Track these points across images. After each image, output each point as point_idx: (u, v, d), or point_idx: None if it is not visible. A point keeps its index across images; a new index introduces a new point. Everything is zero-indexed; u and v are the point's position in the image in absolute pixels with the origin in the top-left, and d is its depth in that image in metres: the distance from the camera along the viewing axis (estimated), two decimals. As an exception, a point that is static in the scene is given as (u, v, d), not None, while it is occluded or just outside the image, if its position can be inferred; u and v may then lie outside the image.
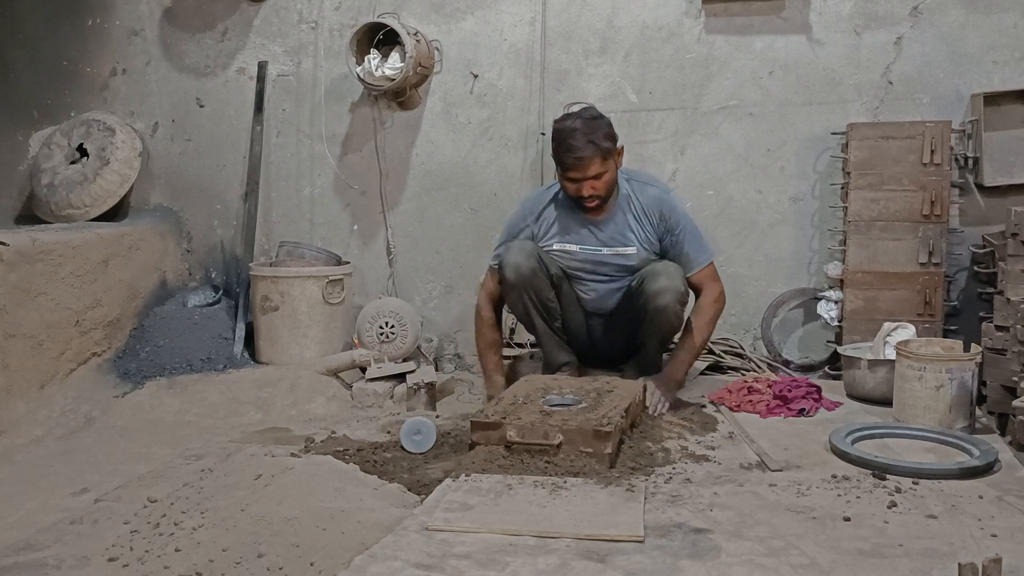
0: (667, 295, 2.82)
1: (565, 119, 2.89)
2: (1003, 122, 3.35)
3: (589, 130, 2.80)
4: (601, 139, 2.80)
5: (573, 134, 2.79)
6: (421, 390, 3.33)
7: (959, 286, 3.45)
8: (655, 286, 2.84)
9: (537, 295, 2.92)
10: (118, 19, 4.23)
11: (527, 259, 2.88)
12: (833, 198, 3.54)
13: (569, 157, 2.79)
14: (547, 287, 2.94)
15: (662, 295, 2.82)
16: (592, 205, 2.88)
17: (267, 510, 2.00)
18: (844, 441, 2.38)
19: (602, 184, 2.84)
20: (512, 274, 2.88)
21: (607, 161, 2.83)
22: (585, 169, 2.79)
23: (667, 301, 2.82)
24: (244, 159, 4.09)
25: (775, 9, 3.57)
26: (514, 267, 2.88)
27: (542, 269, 2.91)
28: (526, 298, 2.91)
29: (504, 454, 2.26)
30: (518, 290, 2.90)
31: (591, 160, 2.78)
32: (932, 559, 1.71)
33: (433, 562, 1.71)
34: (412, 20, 3.83)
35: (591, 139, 2.78)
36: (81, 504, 2.26)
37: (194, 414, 3.18)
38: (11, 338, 3.04)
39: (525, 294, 2.90)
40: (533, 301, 2.92)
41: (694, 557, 1.73)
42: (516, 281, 2.88)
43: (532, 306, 2.93)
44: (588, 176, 2.81)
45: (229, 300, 4.03)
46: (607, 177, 2.85)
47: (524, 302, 2.92)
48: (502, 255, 2.94)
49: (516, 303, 2.95)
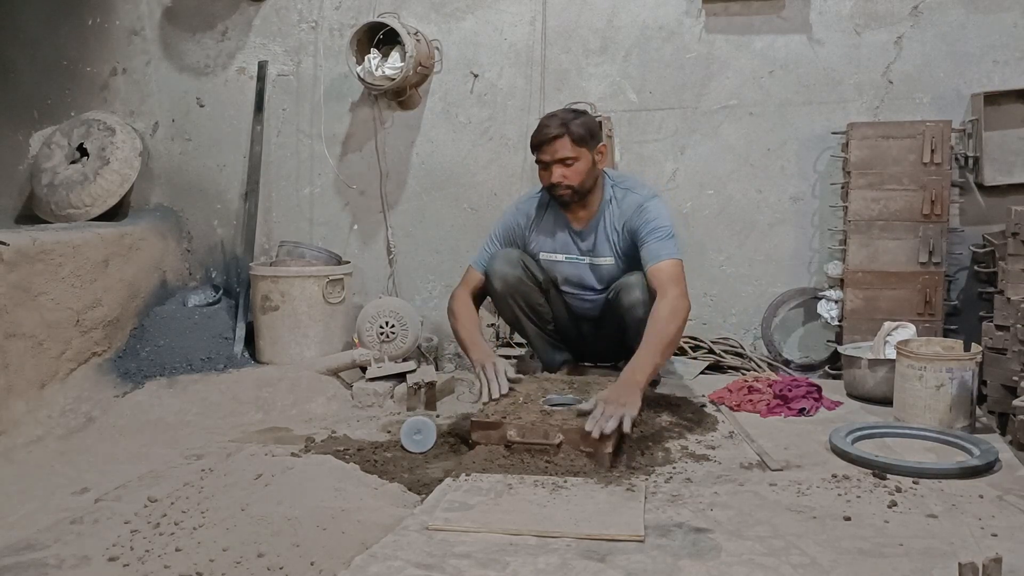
0: (641, 308, 2.75)
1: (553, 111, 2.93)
2: (1003, 122, 3.35)
3: (565, 116, 2.81)
4: (575, 124, 2.78)
5: (548, 118, 2.81)
6: (421, 390, 3.32)
7: (959, 286, 3.45)
8: (629, 299, 2.82)
9: (526, 301, 2.93)
10: (118, 19, 4.23)
11: (512, 268, 2.89)
12: (833, 197, 3.54)
13: (538, 134, 2.78)
14: (535, 292, 2.94)
15: (636, 308, 2.79)
16: (562, 194, 2.82)
17: (267, 510, 2.00)
18: (844, 441, 2.38)
19: (573, 172, 2.78)
20: (499, 284, 2.89)
21: (579, 147, 2.77)
22: (554, 150, 2.75)
23: (642, 314, 2.72)
24: (244, 159, 4.09)
25: (775, 8, 3.57)
26: (500, 277, 2.88)
27: (528, 276, 2.92)
28: (515, 306, 2.92)
29: (504, 454, 2.26)
30: (506, 299, 2.91)
31: (560, 140, 2.74)
32: (932, 558, 1.71)
33: (433, 562, 1.71)
34: (412, 20, 3.83)
35: (563, 121, 2.77)
36: (81, 504, 2.26)
37: (194, 414, 3.18)
38: (11, 338, 3.04)
39: (513, 302, 2.92)
40: (522, 307, 2.93)
41: (694, 557, 1.73)
42: (503, 290, 2.89)
43: (522, 312, 2.95)
44: (557, 158, 2.76)
45: (229, 300, 4.03)
46: (579, 166, 2.78)
47: (513, 310, 2.94)
48: (488, 265, 2.92)
49: (506, 311, 2.96)
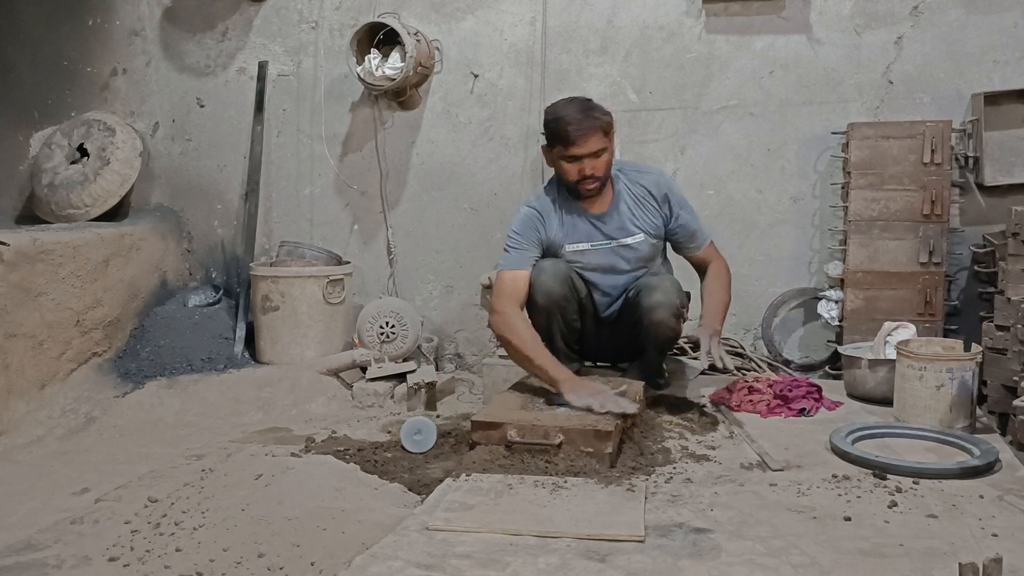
0: (662, 310, 2.78)
1: (556, 103, 2.84)
2: (1003, 122, 3.34)
3: (586, 107, 2.77)
4: (600, 115, 2.76)
5: (569, 109, 2.75)
6: (421, 390, 3.33)
7: (959, 286, 3.45)
8: (650, 300, 2.81)
9: (563, 317, 2.87)
10: (118, 19, 4.24)
11: (560, 285, 2.82)
12: (833, 198, 3.54)
13: (571, 130, 2.71)
14: (574, 310, 2.90)
15: (657, 310, 2.79)
16: (591, 187, 2.80)
17: (268, 510, 2.01)
18: (845, 441, 2.38)
19: (601, 164, 2.77)
20: (543, 299, 2.81)
21: (607, 137, 2.77)
22: (587, 143, 2.72)
23: (662, 316, 2.78)
24: (244, 159, 4.09)
25: (775, 9, 3.57)
26: (546, 292, 2.81)
27: (573, 294, 2.87)
28: (552, 322, 2.86)
29: (504, 454, 2.26)
30: (546, 314, 2.84)
31: (594, 133, 2.72)
32: (933, 559, 1.71)
33: (434, 562, 1.71)
34: (412, 20, 3.83)
35: (590, 113, 2.74)
36: (82, 504, 2.26)
37: (194, 414, 3.19)
38: (12, 338, 3.04)
39: (552, 318, 2.85)
40: (560, 324, 2.87)
41: (695, 557, 1.73)
42: (546, 305, 2.82)
43: (558, 328, 2.88)
44: (590, 152, 2.73)
45: (229, 300, 4.04)
46: (606, 156, 2.78)
47: (550, 325, 2.86)
48: (534, 275, 2.83)
49: (543, 324, 2.87)
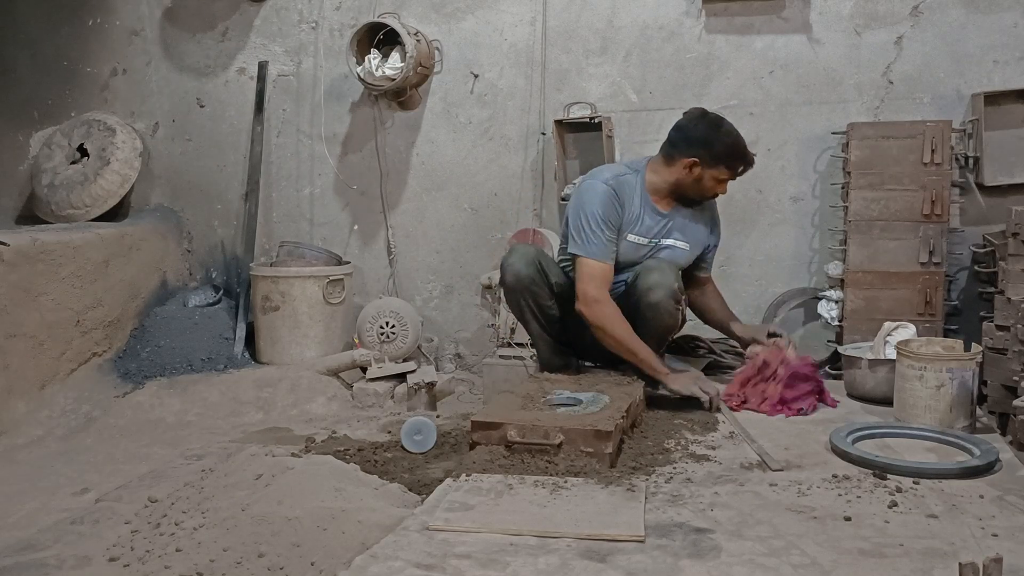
0: (660, 290, 2.80)
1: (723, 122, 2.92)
2: (1003, 122, 3.34)
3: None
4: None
5: (741, 140, 2.92)
6: (421, 390, 3.33)
7: (960, 286, 3.45)
8: (647, 282, 2.82)
9: (535, 301, 2.95)
10: (118, 19, 4.24)
11: (527, 267, 2.91)
12: (833, 198, 3.54)
13: (745, 164, 2.92)
14: (546, 295, 2.96)
15: (654, 290, 2.80)
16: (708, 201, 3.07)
17: (268, 510, 2.01)
18: (845, 441, 2.38)
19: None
20: (512, 279, 2.92)
21: None
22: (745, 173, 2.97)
23: (659, 297, 2.79)
24: (244, 159, 4.09)
25: (775, 9, 3.57)
26: (513, 273, 2.92)
27: (542, 277, 2.94)
28: (523, 303, 2.95)
29: (505, 454, 2.26)
30: (516, 294, 2.94)
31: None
32: (933, 559, 1.71)
33: (434, 562, 1.71)
34: (412, 20, 3.84)
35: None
36: (82, 504, 2.26)
37: (195, 414, 3.19)
38: (12, 338, 3.04)
39: (523, 299, 2.95)
40: (531, 306, 2.96)
41: (695, 557, 1.73)
42: (515, 285, 2.93)
43: (529, 311, 2.97)
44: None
45: (229, 300, 4.04)
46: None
47: (521, 306, 2.97)
48: (504, 259, 2.97)
49: (514, 305, 3.00)
